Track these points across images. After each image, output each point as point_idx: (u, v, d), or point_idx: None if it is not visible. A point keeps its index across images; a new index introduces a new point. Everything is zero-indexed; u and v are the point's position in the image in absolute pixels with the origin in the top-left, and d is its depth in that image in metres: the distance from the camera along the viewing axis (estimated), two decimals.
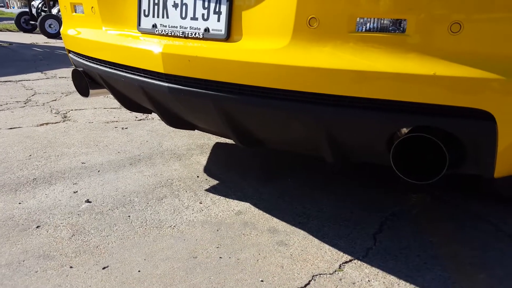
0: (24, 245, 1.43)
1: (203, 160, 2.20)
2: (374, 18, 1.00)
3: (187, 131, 2.66)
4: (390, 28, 0.99)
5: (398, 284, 1.27)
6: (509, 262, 1.38)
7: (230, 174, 2.04)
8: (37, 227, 1.54)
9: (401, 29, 0.98)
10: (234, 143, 2.44)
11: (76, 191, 1.83)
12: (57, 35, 9.37)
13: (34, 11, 10.63)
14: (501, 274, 1.32)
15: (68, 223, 1.57)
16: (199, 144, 2.44)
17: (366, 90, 1.03)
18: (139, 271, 1.31)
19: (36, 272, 1.30)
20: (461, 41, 0.95)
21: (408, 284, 1.27)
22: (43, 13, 10.04)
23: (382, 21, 0.99)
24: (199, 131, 2.41)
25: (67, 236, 1.49)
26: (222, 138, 2.53)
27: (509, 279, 1.30)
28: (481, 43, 0.95)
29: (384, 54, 1.00)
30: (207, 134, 2.60)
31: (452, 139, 1.10)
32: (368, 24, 1.01)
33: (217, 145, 2.42)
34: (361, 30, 1.02)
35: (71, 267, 1.32)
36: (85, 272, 1.30)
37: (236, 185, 1.92)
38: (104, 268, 1.32)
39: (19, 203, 1.71)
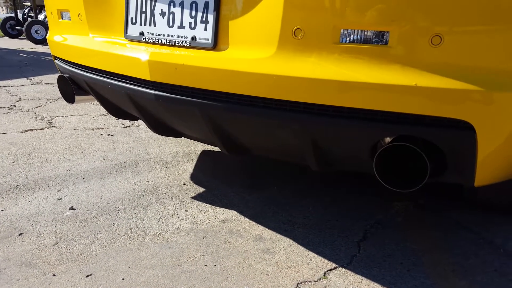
0: (6, 252, 1.41)
1: (190, 167, 2.20)
2: (358, 30, 1.02)
3: (174, 138, 2.66)
4: (373, 40, 1.02)
5: None
6: (490, 269, 1.41)
7: (217, 181, 2.04)
8: (19, 235, 1.52)
9: (384, 41, 1.01)
10: (221, 151, 2.44)
11: (60, 198, 1.81)
12: (43, 41, 9.30)
13: (20, 16, 10.54)
14: (482, 281, 1.34)
15: (51, 230, 1.56)
16: (186, 151, 2.44)
17: (350, 99, 1.05)
18: (123, 279, 1.30)
19: (18, 280, 1.28)
20: (441, 53, 0.98)
21: None
22: (29, 19, 9.97)
23: (365, 33, 1.02)
24: (186, 138, 2.41)
25: (50, 243, 1.47)
26: (209, 145, 2.54)
27: (490, 286, 1.32)
28: (461, 55, 0.98)
29: (367, 65, 1.02)
30: (194, 141, 2.61)
31: (433, 148, 1.12)
32: (351, 36, 1.03)
33: (204, 153, 2.43)
34: (345, 41, 1.04)
35: (54, 275, 1.31)
36: (68, 280, 1.28)
37: (223, 192, 1.92)
38: (87, 276, 1.31)
39: (1, 210, 1.69)
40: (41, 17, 9.97)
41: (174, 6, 1.31)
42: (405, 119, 1.06)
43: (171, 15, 1.32)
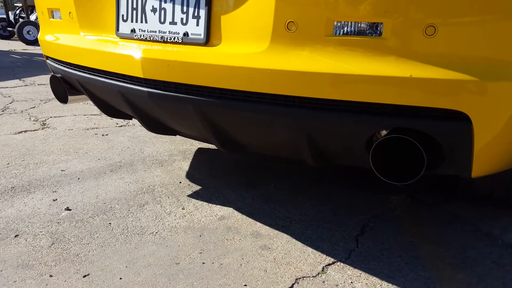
0: (2, 254, 1.40)
1: (186, 166, 2.19)
2: (351, 22, 1.01)
3: (169, 136, 2.64)
4: (367, 32, 1.01)
5: (381, 285, 1.28)
6: (488, 261, 1.41)
7: (213, 179, 2.03)
8: (15, 236, 1.51)
9: (378, 32, 1.00)
10: (216, 148, 2.43)
11: (56, 199, 1.80)
12: (35, 42, 9.23)
13: (11, 17, 10.47)
14: (480, 273, 1.34)
15: (47, 231, 1.54)
16: (181, 150, 2.43)
17: (344, 92, 1.05)
18: (120, 278, 1.29)
19: (15, 282, 1.27)
20: (436, 44, 0.97)
21: (390, 284, 1.29)
22: (21, 20, 9.89)
23: (359, 25, 1.01)
24: (181, 136, 2.40)
25: (46, 244, 1.46)
26: (204, 143, 2.52)
27: (488, 277, 1.32)
28: (456, 46, 0.97)
29: (361, 57, 1.01)
30: (189, 139, 2.59)
31: (429, 140, 1.12)
32: (345, 28, 1.02)
33: (200, 151, 2.42)
34: (339, 34, 1.03)
35: (50, 276, 1.30)
36: (65, 281, 1.27)
37: (219, 190, 1.91)
38: (84, 276, 1.30)
39: None
40: (32, 17, 9.89)
41: (165, 2, 1.29)
42: (400, 111, 1.05)
43: (163, 11, 1.30)
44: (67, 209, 1.71)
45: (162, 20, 1.31)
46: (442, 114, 1.03)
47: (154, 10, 1.32)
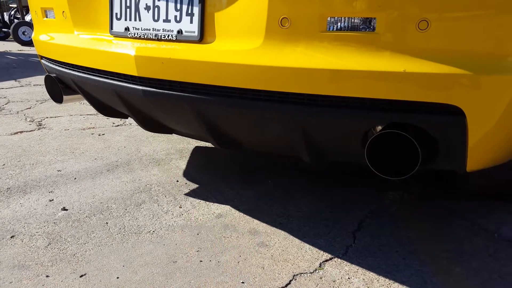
0: None
1: (183, 164, 2.19)
2: (345, 17, 1.01)
3: (166, 135, 2.64)
4: (361, 27, 1.01)
5: (378, 280, 1.28)
6: (484, 255, 1.41)
7: (210, 177, 2.03)
8: (11, 237, 1.50)
9: (371, 27, 1.00)
10: (214, 147, 2.43)
11: (52, 199, 1.79)
12: (31, 43, 9.21)
13: (6, 18, 10.43)
14: (477, 267, 1.35)
15: (44, 231, 1.54)
16: (178, 148, 2.42)
17: (338, 88, 1.04)
18: (117, 277, 1.29)
19: (11, 282, 1.26)
20: (429, 38, 0.97)
21: (387, 280, 1.29)
22: (16, 20, 9.86)
23: (352, 20, 1.01)
24: (177, 135, 2.39)
25: (43, 245, 1.46)
26: (201, 141, 2.52)
27: (484, 271, 1.32)
28: (449, 40, 0.97)
29: (355, 53, 1.01)
30: (186, 138, 2.59)
31: (424, 134, 1.12)
32: (339, 23, 1.02)
33: (197, 149, 2.41)
34: (332, 29, 1.03)
35: (47, 276, 1.29)
36: (62, 281, 1.27)
37: (216, 188, 1.91)
38: (81, 276, 1.29)
39: None
40: (27, 18, 9.86)
41: None
42: (395, 106, 1.05)
43: (156, 9, 1.30)
44: (64, 209, 1.71)
45: (156, 18, 1.31)
46: (437, 109, 1.04)
47: (147, 8, 1.32)
